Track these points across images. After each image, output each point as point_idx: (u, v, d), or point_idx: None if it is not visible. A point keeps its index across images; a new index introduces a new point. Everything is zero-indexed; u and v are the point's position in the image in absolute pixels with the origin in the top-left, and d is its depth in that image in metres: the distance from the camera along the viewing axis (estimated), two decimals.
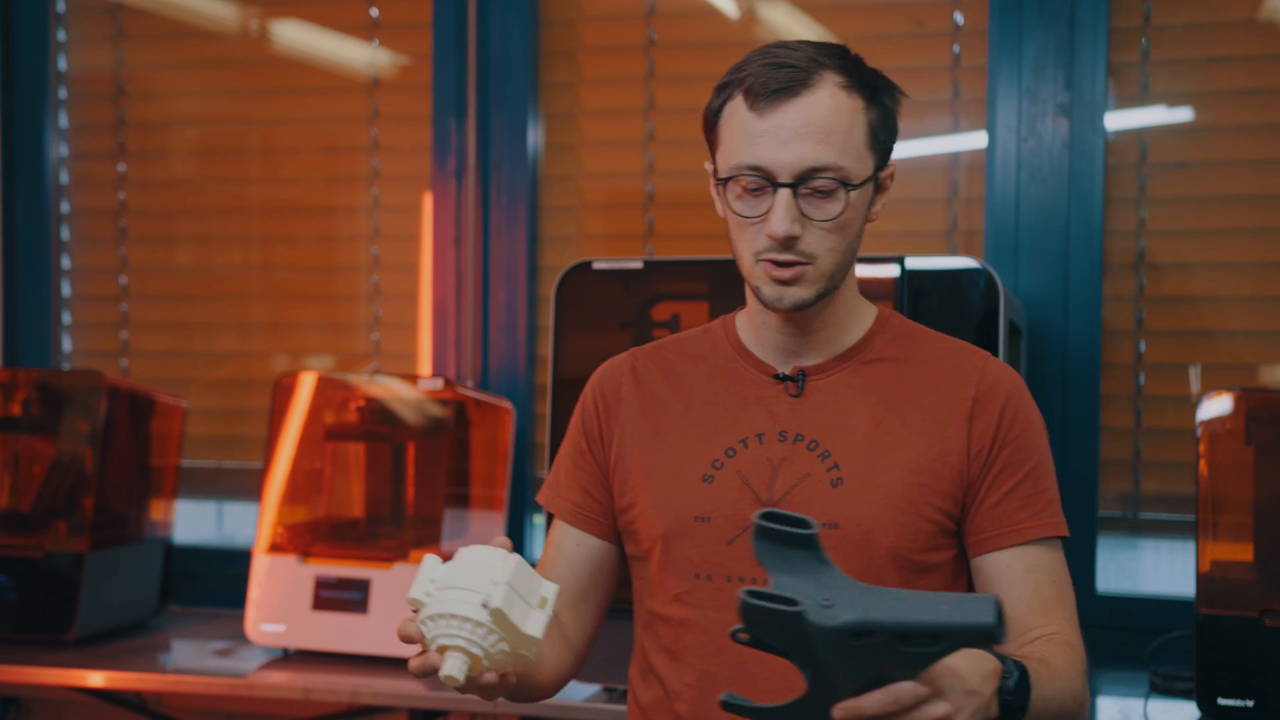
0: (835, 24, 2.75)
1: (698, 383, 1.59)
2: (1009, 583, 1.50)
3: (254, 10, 3.07)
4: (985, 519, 1.50)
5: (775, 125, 1.43)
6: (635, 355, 1.65)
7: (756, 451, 1.52)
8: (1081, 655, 1.48)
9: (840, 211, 1.45)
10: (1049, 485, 1.53)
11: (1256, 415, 2.18)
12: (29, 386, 2.72)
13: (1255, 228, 2.54)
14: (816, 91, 1.43)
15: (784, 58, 1.45)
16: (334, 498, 2.71)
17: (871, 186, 1.50)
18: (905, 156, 2.72)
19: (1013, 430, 1.51)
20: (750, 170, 1.44)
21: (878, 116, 1.48)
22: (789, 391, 1.54)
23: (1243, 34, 2.55)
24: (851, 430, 1.51)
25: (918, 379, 1.54)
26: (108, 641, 2.61)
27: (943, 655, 1.18)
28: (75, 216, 3.18)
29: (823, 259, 1.46)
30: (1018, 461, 1.51)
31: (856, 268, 1.55)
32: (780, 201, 1.43)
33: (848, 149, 1.44)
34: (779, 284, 1.47)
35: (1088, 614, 2.50)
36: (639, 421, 1.59)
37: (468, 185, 2.87)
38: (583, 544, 1.62)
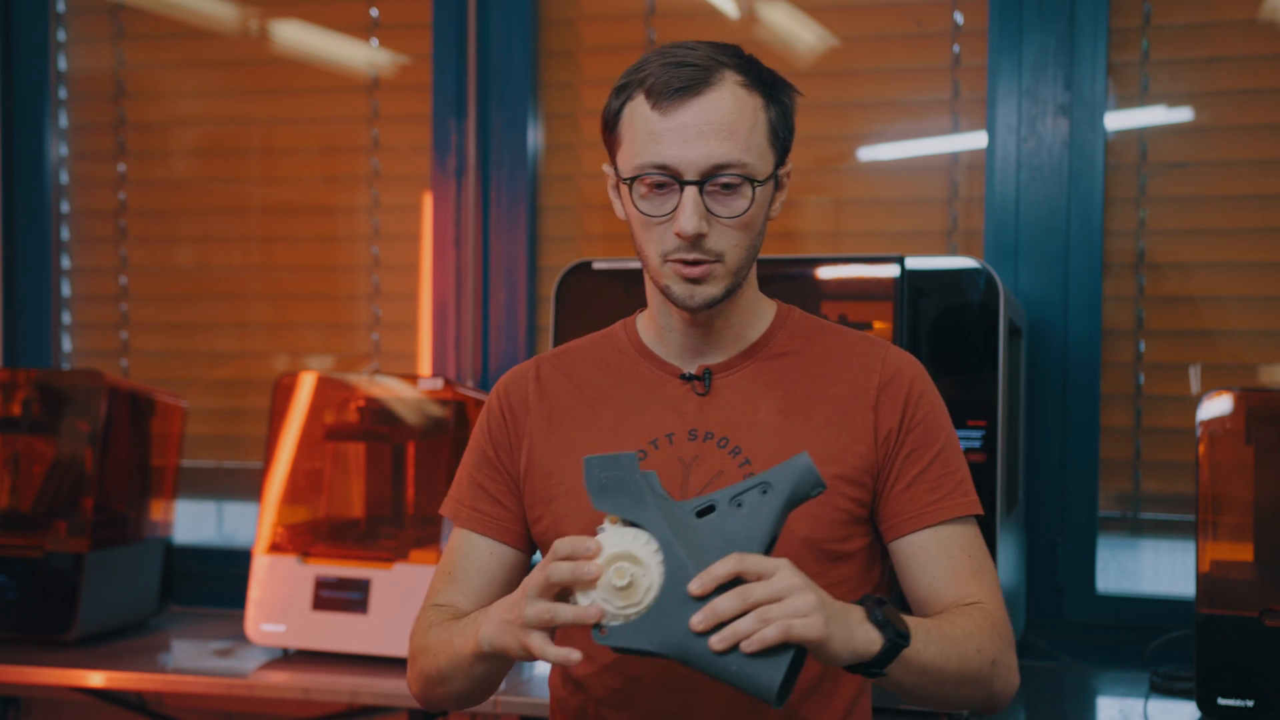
0: (835, 24, 2.75)
1: (603, 387, 1.59)
2: (924, 563, 1.52)
3: (254, 10, 3.07)
4: (896, 504, 1.52)
5: (679, 124, 1.44)
6: (539, 363, 1.64)
7: (668, 452, 1.53)
8: (995, 618, 1.48)
9: (746, 207, 1.46)
10: (957, 466, 1.55)
11: (1256, 415, 2.18)
12: (29, 386, 2.72)
13: (1255, 228, 2.55)
14: (718, 90, 1.44)
15: (684, 57, 1.46)
16: (334, 498, 2.71)
17: (773, 184, 1.52)
18: (905, 156, 2.72)
19: (917, 415, 1.53)
20: (656, 169, 1.45)
21: (777, 114, 1.49)
22: (696, 390, 1.55)
23: (1243, 34, 2.55)
24: (760, 425, 1.52)
25: (822, 371, 1.56)
26: (108, 641, 2.61)
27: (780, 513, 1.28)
28: (75, 216, 3.18)
29: (730, 255, 1.48)
30: (924, 445, 1.53)
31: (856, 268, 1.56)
32: (687, 199, 1.44)
33: (751, 146, 1.45)
34: (689, 282, 1.48)
35: (1088, 614, 2.53)
36: (546, 430, 1.58)
37: (468, 185, 2.87)
38: (495, 553, 1.60)
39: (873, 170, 2.76)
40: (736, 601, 1.23)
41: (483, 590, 1.60)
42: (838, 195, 2.80)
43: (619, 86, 1.50)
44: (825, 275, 2.20)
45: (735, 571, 1.24)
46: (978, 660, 1.43)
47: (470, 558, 1.60)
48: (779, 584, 1.24)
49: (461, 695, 1.52)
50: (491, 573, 1.60)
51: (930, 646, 1.37)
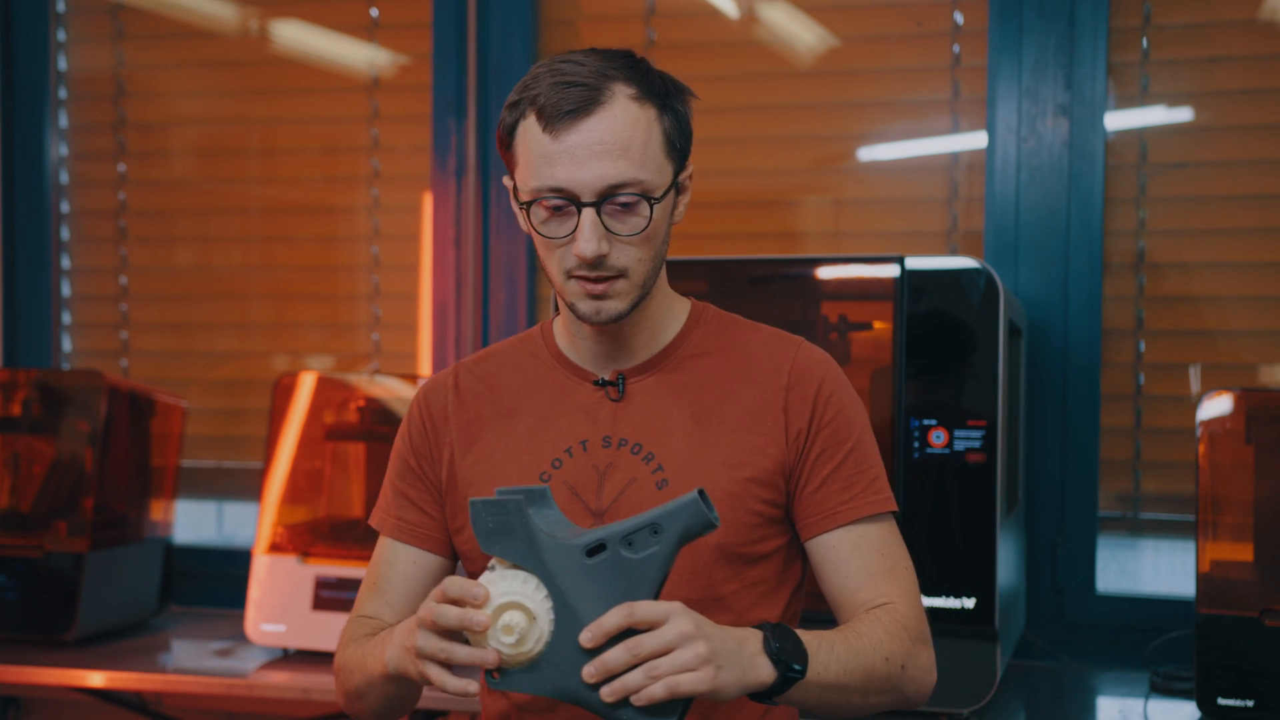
0: (835, 24, 2.75)
1: (520, 395, 1.59)
2: (837, 563, 1.51)
3: (254, 10, 3.07)
4: (809, 504, 1.52)
5: (571, 145, 1.42)
6: (458, 371, 1.64)
7: (582, 460, 1.53)
8: (906, 620, 1.47)
9: (645, 225, 1.45)
10: (871, 463, 1.54)
11: (1256, 415, 2.18)
12: (29, 386, 2.72)
13: (1255, 228, 2.55)
14: (609, 107, 1.42)
15: (572, 75, 1.43)
16: (334, 498, 2.71)
17: (673, 193, 1.50)
18: (905, 156, 2.72)
19: (826, 414, 1.53)
20: (552, 192, 1.43)
21: (671, 123, 1.47)
22: (610, 396, 1.55)
23: (1243, 34, 2.55)
24: (672, 430, 1.52)
25: (733, 372, 1.55)
26: (108, 641, 2.61)
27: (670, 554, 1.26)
28: (75, 216, 3.18)
29: (633, 270, 1.47)
30: (835, 444, 1.52)
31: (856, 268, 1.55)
32: (585, 222, 1.43)
33: (646, 161, 1.44)
34: (593, 299, 1.47)
35: (1088, 614, 2.53)
36: (464, 441, 1.58)
37: (468, 185, 2.87)
38: (419, 561, 1.60)
39: (873, 170, 2.76)
40: (626, 655, 1.24)
41: (406, 600, 1.61)
42: (838, 195, 2.80)
43: (510, 103, 1.47)
44: (825, 275, 2.20)
45: (625, 624, 1.24)
46: (885, 668, 1.43)
47: (394, 567, 1.61)
48: (669, 634, 1.24)
49: (378, 712, 1.54)
50: (416, 581, 1.61)
51: (833, 665, 1.38)
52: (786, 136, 2.78)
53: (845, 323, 2.18)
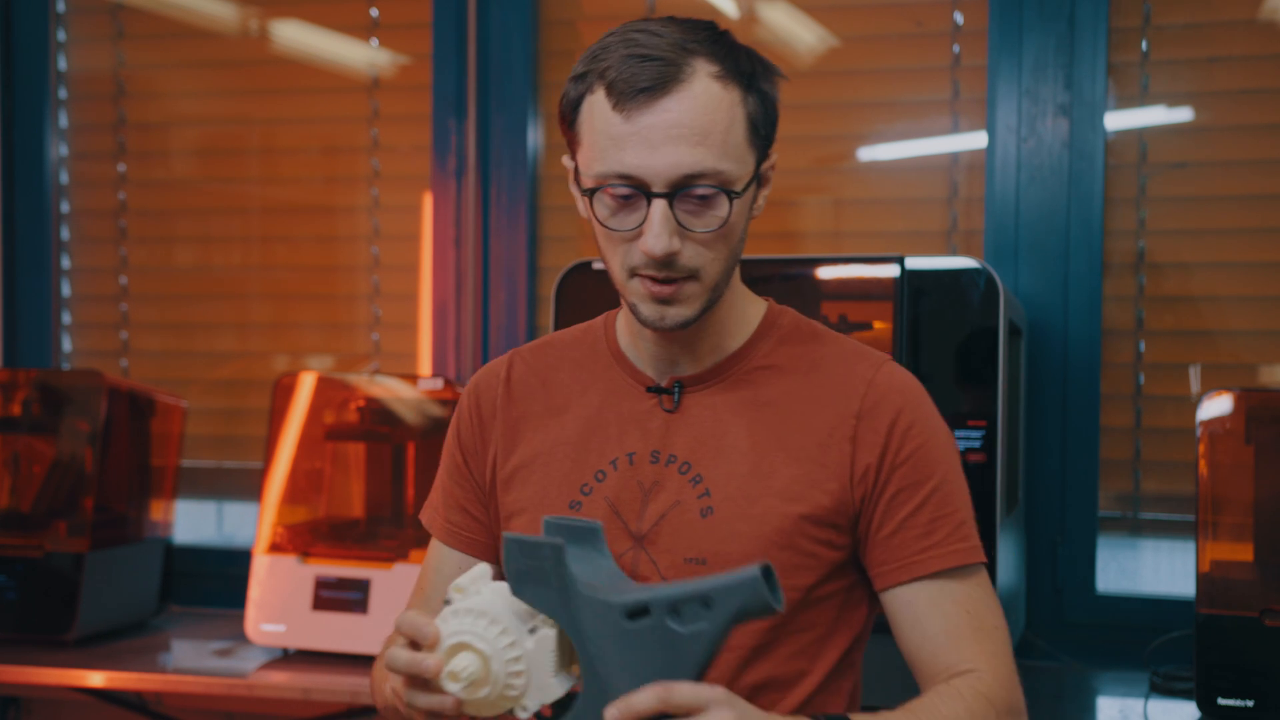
0: (835, 24, 2.75)
1: (573, 393, 1.44)
2: (913, 620, 1.34)
3: (254, 10, 3.07)
4: (883, 551, 1.34)
5: (644, 128, 1.25)
6: (513, 360, 1.51)
7: (627, 475, 1.38)
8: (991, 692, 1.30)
9: (723, 221, 1.29)
10: (957, 507, 1.35)
11: (1256, 415, 2.18)
12: (29, 386, 2.72)
13: (1255, 228, 2.54)
14: (688, 85, 1.26)
15: (648, 47, 1.26)
16: (334, 498, 2.71)
17: (755, 185, 1.34)
18: (905, 156, 2.72)
19: (904, 449, 1.34)
20: (619, 179, 1.28)
21: (756, 106, 1.32)
22: (664, 406, 1.39)
23: (1243, 34, 2.55)
24: (726, 451, 1.36)
25: (802, 391, 1.37)
26: (108, 641, 2.61)
27: (721, 632, 1.11)
28: (75, 216, 3.18)
29: (706, 271, 1.31)
30: (914, 484, 1.34)
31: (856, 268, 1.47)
32: (656, 215, 1.27)
33: (728, 149, 1.28)
34: (659, 303, 1.31)
35: (1088, 614, 2.53)
36: (508, 439, 1.46)
37: (468, 185, 2.87)
38: (464, 566, 1.47)
39: (873, 170, 2.76)
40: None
41: None
42: (838, 195, 2.80)
43: (577, 75, 1.31)
44: (825, 275, 2.20)
45: (658, 708, 1.10)
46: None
47: (440, 572, 1.51)
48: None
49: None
50: None
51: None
52: (786, 136, 2.75)
53: (845, 323, 2.18)
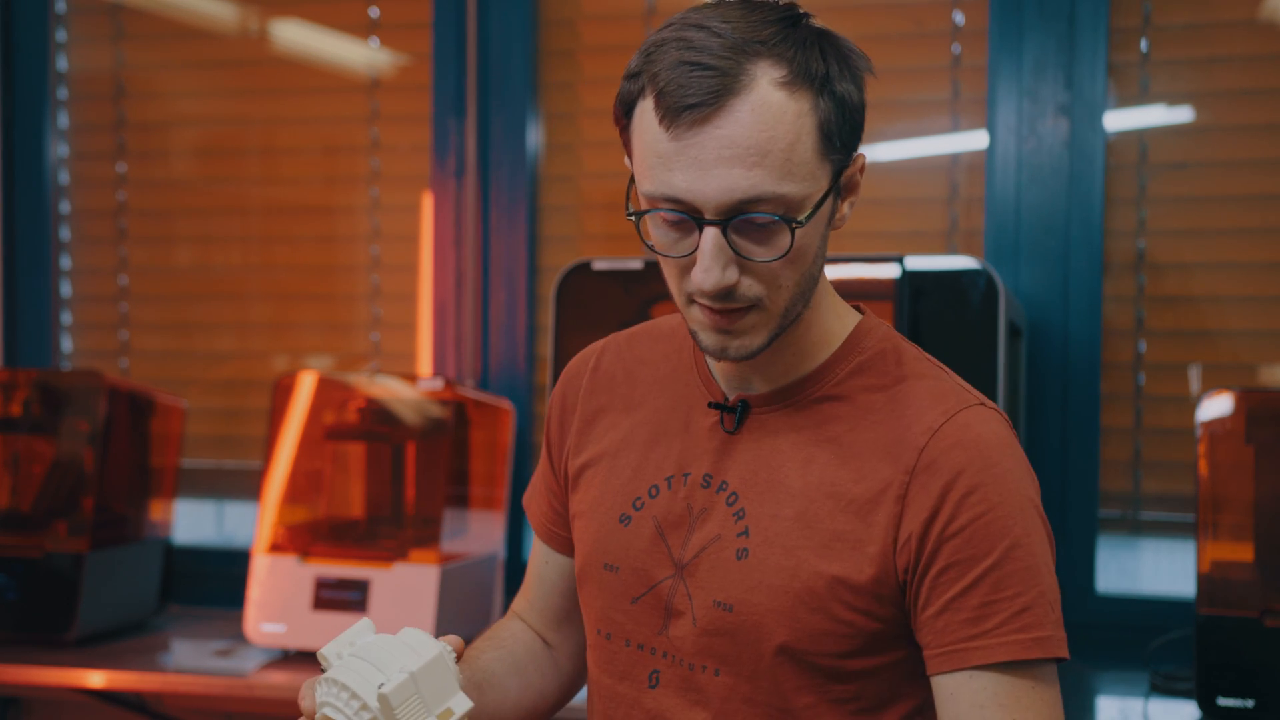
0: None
1: (651, 390, 1.34)
2: (954, 715, 1.17)
3: (254, 10, 3.07)
4: (927, 632, 1.17)
5: (693, 148, 1.10)
6: (606, 348, 1.41)
7: (680, 495, 1.26)
8: None
9: (786, 250, 1.13)
10: (1021, 590, 1.15)
11: (1256, 415, 2.18)
12: (29, 386, 2.72)
13: (1255, 228, 2.54)
14: (745, 98, 1.09)
15: (703, 50, 1.10)
16: (334, 498, 2.71)
17: (832, 198, 1.17)
18: (905, 157, 2.72)
19: (959, 518, 1.15)
20: (668, 203, 1.13)
21: (832, 110, 1.14)
22: (724, 426, 1.26)
23: (1243, 34, 2.55)
24: (775, 488, 1.21)
25: (867, 433, 1.20)
26: (108, 641, 2.61)
27: None
28: (75, 216, 3.18)
29: (770, 300, 1.16)
30: (967, 560, 1.14)
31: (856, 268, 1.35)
32: (706, 246, 1.12)
33: (791, 169, 1.11)
34: (719, 333, 1.18)
35: (1088, 614, 2.53)
36: (582, 432, 1.38)
37: (468, 185, 2.87)
38: (552, 561, 1.43)
39: (873, 170, 2.75)
40: None
41: (545, 599, 1.45)
42: None
43: (631, 72, 1.17)
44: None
45: None
46: None
47: (533, 563, 1.46)
48: None
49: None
50: (550, 582, 1.44)
51: None
52: None
53: None
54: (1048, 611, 1.16)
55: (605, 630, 1.30)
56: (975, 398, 1.22)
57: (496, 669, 1.40)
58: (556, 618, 1.46)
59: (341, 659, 1.19)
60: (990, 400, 1.24)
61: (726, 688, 1.21)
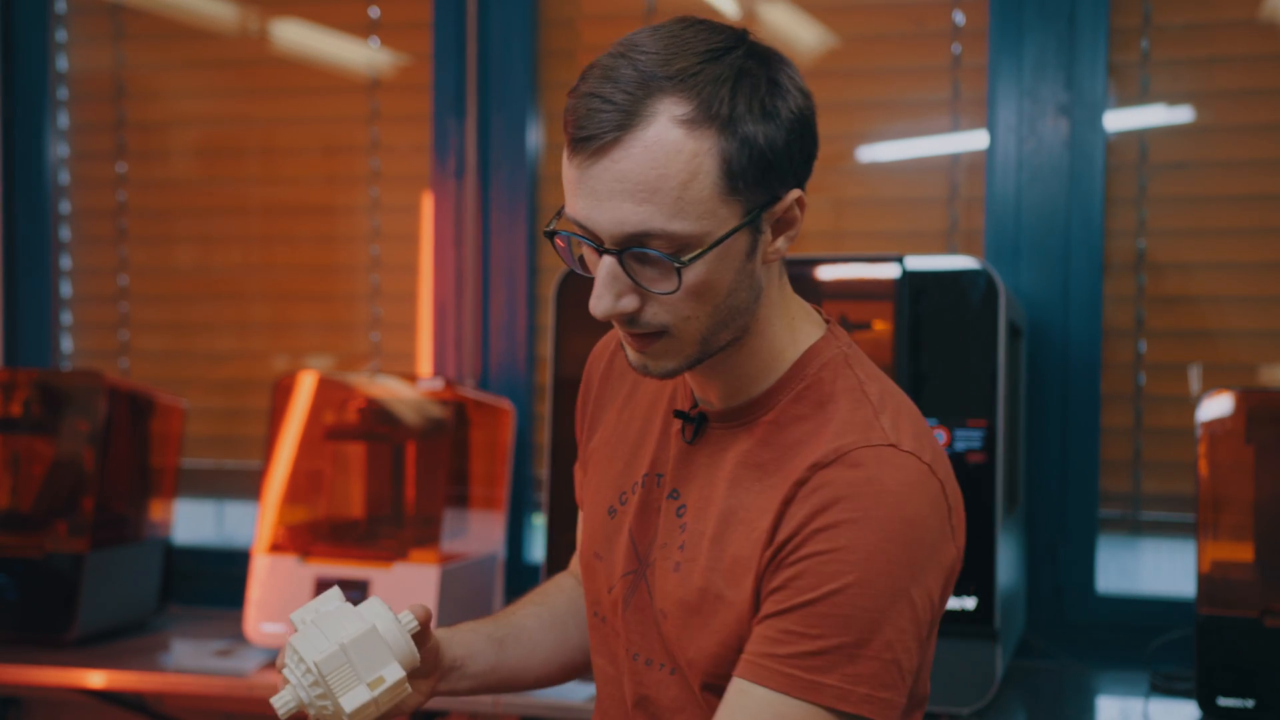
0: (835, 24, 2.75)
1: (648, 391, 1.37)
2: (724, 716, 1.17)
3: (254, 10, 3.07)
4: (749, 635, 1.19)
5: (589, 178, 1.12)
6: None
7: (651, 496, 1.31)
8: None
9: (674, 288, 1.13)
10: (825, 634, 1.12)
11: (1256, 415, 2.18)
12: (29, 386, 2.72)
13: (1255, 228, 2.55)
14: (641, 134, 1.10)
15: (612, 83, 1.12)
16: (334, 498, 2.71)
17: (746, 235, 1.16)
18: (905, 156, 2.72)
19: (805, 546, 1.15)
20: (576, 230, 1.16)
21: (738, 151, 1.12)
22: (684, 436, 1.29)
23: (1243, 34, 2.55)
24: (709, 506, 1.24)
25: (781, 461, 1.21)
26: (108, 641, 2.61)
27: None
28: (75, 216, 3.18)
29: (679, 329, 1.17)
30: (794, 588, 1.14)
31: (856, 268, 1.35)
32: (601, 272, 1.15)
33: (683, 208, 1.11)
34: (638, 353, 1.20)
35: (1088, 614, 2.53)
36: (594, 420, 1.43)
37: (468, 185, 2.87)
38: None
39: (873, 170, 2.76)
40: None
41: None
42: (838, 195, 2.80)
43: (571, 89, 1.17)
44: (825, 275, 2.20)
45: None
46: None
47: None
48: None
49: None
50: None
51: None
52: None
53: (845, 323, 2.18)
54: (844, 663, 1.12)
55: (598, 612, 1.38)
56: (888, 437, 1.18)
57: (529, 624, 1.47)
58: None
59: (304, 625, 1.30)
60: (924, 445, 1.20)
61: (678, 685, 1.28)
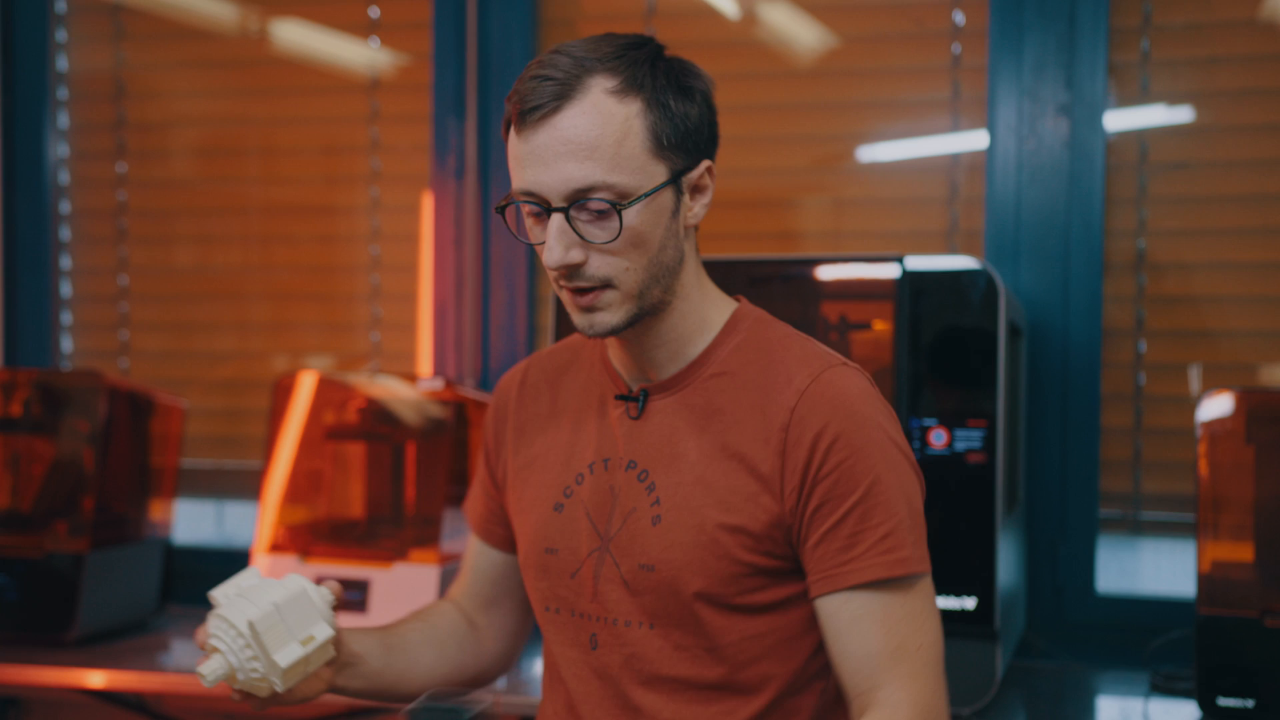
0: (835, 24, 2.75)
1: (572, 397, 1.53)
2: (835, 633, 1.36)
3: (254, 10, 3.07)
4: (810, 561, 1.37)
5: (537, 146, 1.32)
6: (530, 365, 1.61)
7: (601, 479, 1.46)
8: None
9: (615, 234, 1.33)
10: (882, 519, 1.34)
11: (1256, 415, 2.18)
12: (29, 386, 2.72)
13: (1255, 228, 2.55)
14: (578, 103, 1.31)
15: (548, 68, 1.33)
16: (334, 498, 2.71)
17: (671, 192, 1.37)
18: (905, 156, 2.72)
19: (828, 461, 1.35)
20: (524, 196, 1.35)
21: (660, 118, 1.34)
22: (629, 414, 1.46)
23: (1243, 34, 2.55)
24: (677, 460, 1.41)
25: (748, 399, 1.40)
26: (108, 641, 2.61)
27: None
28: (75, 216, 3.18)
29: (620, 280, 1.36)
30: (837, 497, 1.35)
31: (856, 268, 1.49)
32: (551, 229, 1.33)
33: (619, 163, 1.32)
34: (584, 311, 1.38)
35: (1088, 614, 2.53)
36: (517, 439, 1.57)
37: (468, 185, 2.87)
38: (484, 554, 1.65)
39: (873, 170, 2.76)
40: None
41: (476, 586, 1.67)
42: (838, 195, 2.80)
43: (507, 96, 1.38)
44: (825, 275, 2.20)
45: None
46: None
47: (467, 557, 1.68)
48: None
49: None
50: (481, 571, 1.67)
51: None
52: (786, 136, 2.78)
53: (845, 323, 2.18)
54: (906, 535, 1.35)
55: (553, 606, 1.49)
56: (836, 359, 1.42)
57: (412, 638, 1.61)
58: (486, 602, 1.66)
59: (228, 599, 1.40)
60: (850, 360, 1.45)
61: (659, 638, 1.40)
